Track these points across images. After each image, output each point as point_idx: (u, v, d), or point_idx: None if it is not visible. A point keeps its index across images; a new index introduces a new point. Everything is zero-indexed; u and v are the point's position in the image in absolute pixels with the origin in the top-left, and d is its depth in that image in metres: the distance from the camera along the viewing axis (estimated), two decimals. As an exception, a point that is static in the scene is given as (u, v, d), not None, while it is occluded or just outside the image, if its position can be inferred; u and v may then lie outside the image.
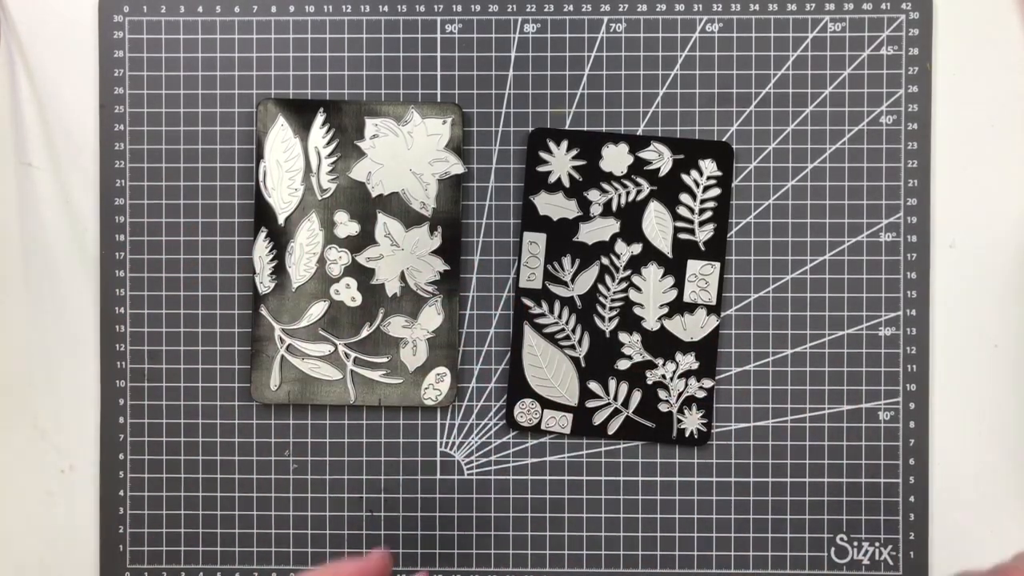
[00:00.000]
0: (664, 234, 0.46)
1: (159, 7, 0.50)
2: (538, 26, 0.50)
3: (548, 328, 0.47)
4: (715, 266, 0.46)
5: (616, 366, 0.47)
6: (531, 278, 0.46)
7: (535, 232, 0.46)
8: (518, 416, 0.47)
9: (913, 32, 0.49)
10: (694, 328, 0.47)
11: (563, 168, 0.46)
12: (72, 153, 0.50)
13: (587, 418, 0.47)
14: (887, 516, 0.49)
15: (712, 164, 0.46)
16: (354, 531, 0.50)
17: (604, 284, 0.46)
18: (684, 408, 0.47)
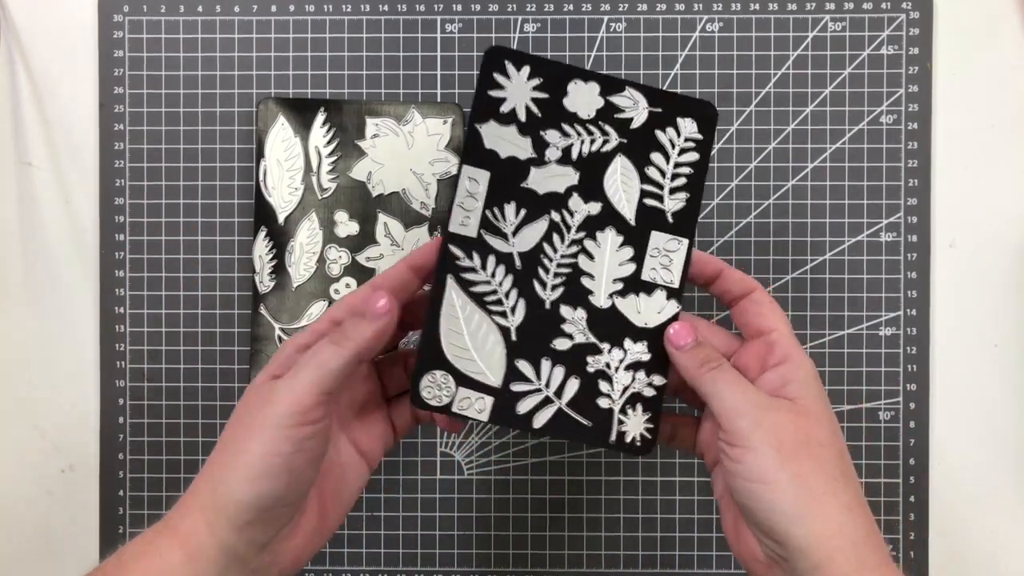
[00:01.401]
0: (629, 197, 0.39)
1: (159, 7, 0.50)
2: (538, 25, 0.50)
3: (477, 287, 0.38)
4: (682, 243, 0.39)
5: (553, 345, 0.38)
6: (465, 222, 0.38)
7: (477, 168, 0.38)
8: (425, 391, 0.37)
9: (913, 32, 0.49)
10: (650, 312, 0.38)
11: (521, 98, 0.38)
12: (72, 153, 0.50)
13: (511, 404, 0.38)
14: (887, 516, 0.49)
15: (692, 124, 0.39)
16: (354, 531, 0.50)
17: (551, 244, 0.38)
18: (628, 407, 0.38)
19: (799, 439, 0.34)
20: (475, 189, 0.38)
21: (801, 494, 0.33)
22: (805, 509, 0.33)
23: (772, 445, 0.33)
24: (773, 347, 0.37)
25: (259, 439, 0.33)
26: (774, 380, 0.36)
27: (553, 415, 0.38)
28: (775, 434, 0.34)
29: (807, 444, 0.34)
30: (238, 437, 0.34)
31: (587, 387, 0.38)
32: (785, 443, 0.34)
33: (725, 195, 0.50)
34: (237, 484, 0.32)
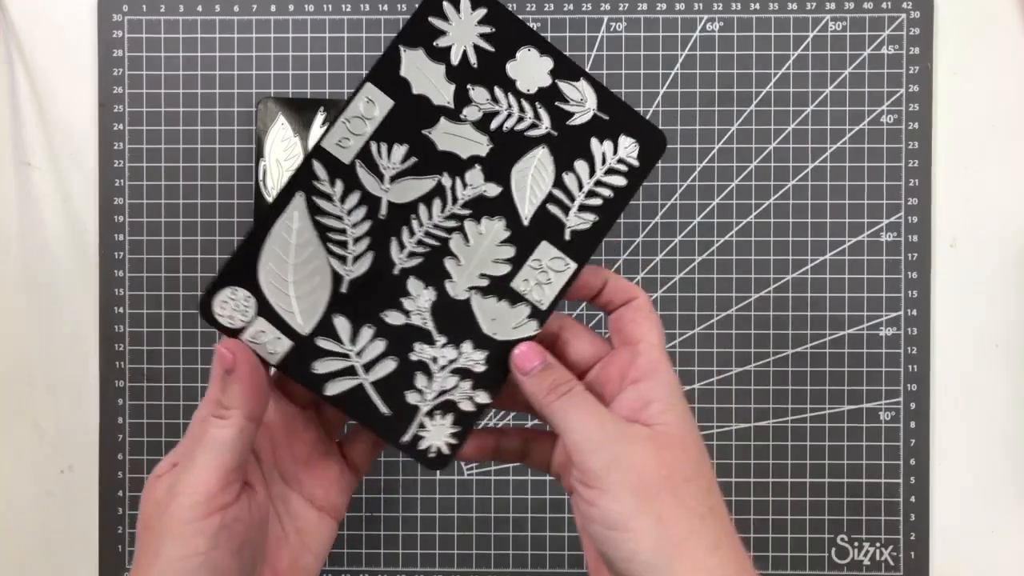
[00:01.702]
0: (533, 195, 0.34)
1: (158, 6, 0.50)
2: (538, 25, 0.50)
3: (326, 218, 0.33)
4: (570, 267, 0.34)
5: (384, 315, 0.34)
6: (343, 144, 0.33)
7: (381, 92, 0.33)
8: (219, 305, 0.32)
9: (914, 31, 0.49)
10: (504, 324, 0.34)
11: (464, 39, 0.34)
12: (71, 153, 0.50)
13: (308, 358, 0.33)
14: (888, 516, 0.49)
15: (633, 148, 0.34)
16: (354, 531, 0.50)
17: (429, 208, 0.34)
18: (437, 412, 0.34)
19: (661, 475, 0.30)
20: (370, 113, 0.33)
21: (664, 542, 0.30)
22: (668, 559, 0.29)
23: (629, 487, 0.30)
24: (637, 359, 0.33)
25: (170, 541, 0.29)
26: (634, 400, 0.32)
27: (351, 389, 0.34)
28: (633, 472, 0.30)
29: (670, 480, 0.30)
30: (150, 542, 0.30)
31: (401, 374, 0.34)
32: (644, 482, 0.30)
33: (725, 195, 0.49)
34: None
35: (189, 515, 0.30)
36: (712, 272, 0.49)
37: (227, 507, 0.30)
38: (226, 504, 0.30)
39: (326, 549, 0.35)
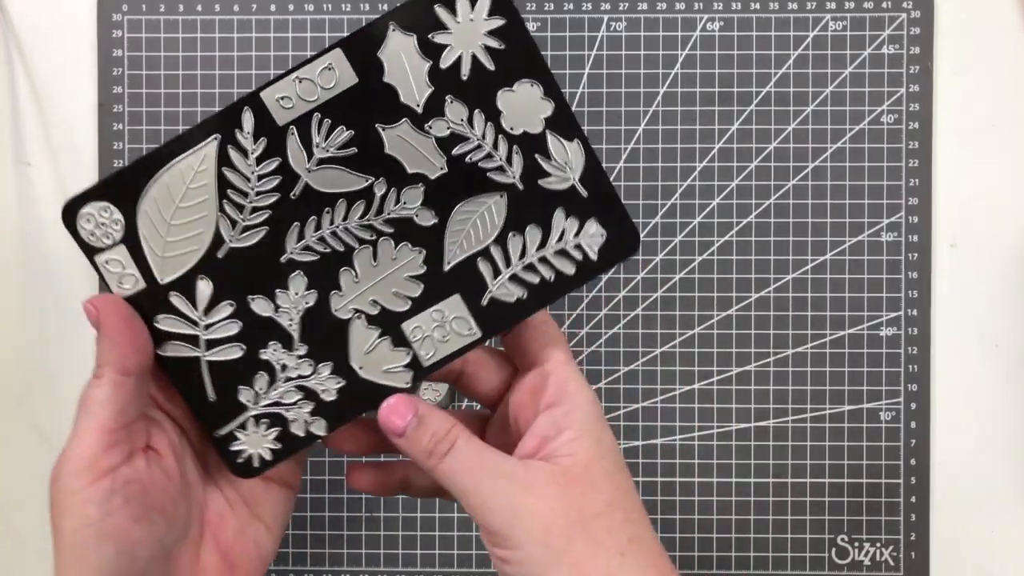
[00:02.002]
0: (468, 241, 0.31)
1: (158, 6, 0.50)
2: (538, 25, 0.50)
3: (234, 173, 0.29)
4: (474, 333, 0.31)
5: (251, 299, 0.30)
6: (284, 104, 0.29)
7: (349, 66, 0.29)
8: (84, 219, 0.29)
9: (914, 31, 0.49)
10: (375, 362, 0.31)
11: (466, 44, 0.29)
12: (71, 152, 0.50)
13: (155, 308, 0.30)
14: (888, 516, 0.49)
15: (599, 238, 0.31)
16: (354, 531, 0.50)
17: (349, 208, 0.30)
18: (264, 421, 0.31)
19: (569, 519, 0.28)
20: (327, 82, 0.29)
21: None
22: None
23: (537, 540, 0.28)
24: (547, 380, 0.31)
25: (65, 516, 0.27)
26: (547, 428, 0.30)
27: (186, 358, 0.30)
28: (538, 523, 0.28)
29: (579, 522, 0.28)
30: (54, 521, 0.28)
31: (243, 367, 0.31)
32: (552, 532, 0.28)
33: (725, 195, 0.49)
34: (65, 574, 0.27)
35: (75, 483, 0.27)
36: (712, 272, 0.49)
37: (115, 469, 0.28)
38: (113, 467, 0.28)
39: (282, 520, 0.33)
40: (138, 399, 0.29)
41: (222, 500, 0.32)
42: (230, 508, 0.32)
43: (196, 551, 0.31)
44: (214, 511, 0.32)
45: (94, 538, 0.27)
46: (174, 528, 0.30)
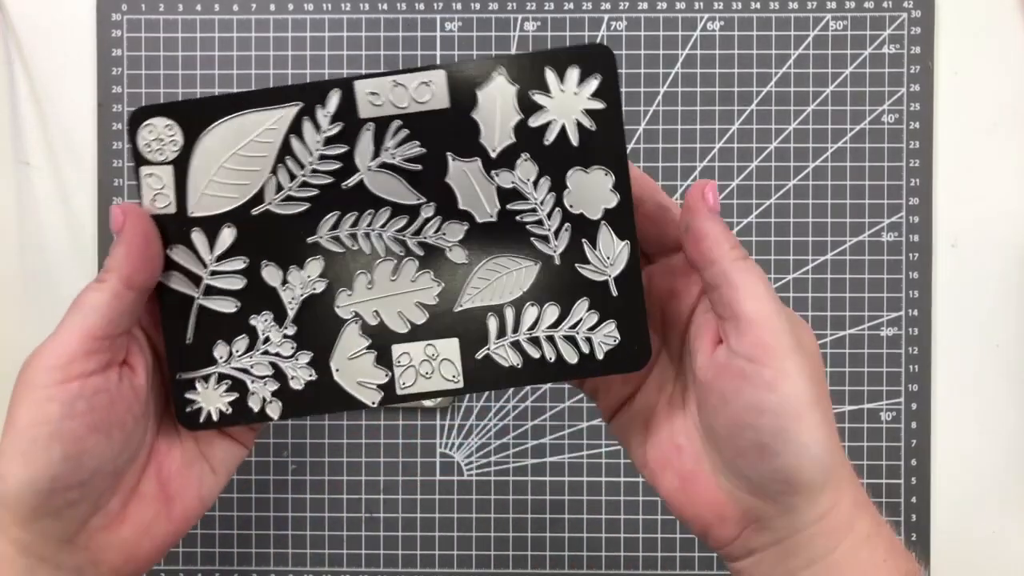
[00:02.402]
0: (486, 295, 0.31)
1: (157, 6, 0.50)
2: (538, 24, 0.50)
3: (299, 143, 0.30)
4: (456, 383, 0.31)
5: (264, 264, 0.30)
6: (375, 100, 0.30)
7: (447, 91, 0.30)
8: (147, 131, 0.30)
9: (915, 31, 0.49)
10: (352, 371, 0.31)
11: (563, 113, 0.30)
12: (70, 152, 0.50)
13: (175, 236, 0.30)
14: (889, 516, 0.49)
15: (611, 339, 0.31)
16: (353, 532, 0.50)
17: (389, 219, 0.30)
18: (225, 382, 0.31)
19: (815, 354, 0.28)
20: (420, 96, 0.30)
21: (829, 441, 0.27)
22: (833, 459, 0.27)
23: (808, 374, 0.27)
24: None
25: (24, 408, 0.27)
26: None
27: (183, 294, 0.30)
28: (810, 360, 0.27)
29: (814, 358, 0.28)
30: (10, 413, 0.28)
31: (229, 325, 0.30)
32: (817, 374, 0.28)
33: (726, 195, 0.49)
34: (7, 467, 0.27)
35: (45, 378, 0.27)
36: (712, 272, 0.49)
37: (88, 376, 0.28)
38: (87, 372, 0.28)
39: (228, 467, 0.32)
40: (132, 314, 0.29)
41: (173, 429, 0.32)
42: (180, 441, 0.32)
43: (138, 476, 0.30)
44: (164, 440, 0.31)
45: (47, 437, 0.27)
46: (128, 447, 0.29)
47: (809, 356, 0.28)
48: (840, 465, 0.28)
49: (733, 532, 0.29)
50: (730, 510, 0.29)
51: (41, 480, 0.27)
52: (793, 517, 0.28)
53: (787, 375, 0.27)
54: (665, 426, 0.31)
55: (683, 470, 0.30)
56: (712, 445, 0.29)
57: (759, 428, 0.27)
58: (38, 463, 0.27)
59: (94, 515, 0.29)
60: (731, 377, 0.28)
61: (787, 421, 0.27)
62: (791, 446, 0.27)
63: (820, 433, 0.27)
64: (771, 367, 0.27)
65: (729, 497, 0.29)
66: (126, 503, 0.30)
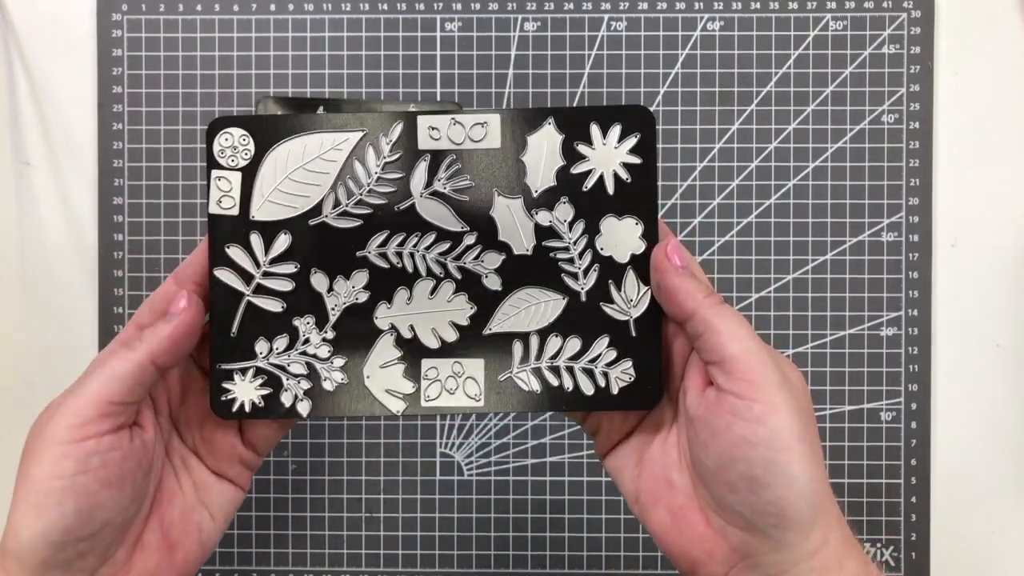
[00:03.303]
0: (514, 322, 0.33)
1: (157, 6, 0.50)
2: (538, 24, 0.50)
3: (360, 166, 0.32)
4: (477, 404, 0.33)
5: (313, 271, 0.33)
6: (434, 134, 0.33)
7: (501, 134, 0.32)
8: (224, 138, 0.32)
9: (915, 31, 0.49)
10: (381, 380, 0.33)
11: (602, 164, 0.32)
12: (70, 152, 0.50)
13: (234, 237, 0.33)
14: (888, 517, 0.49)
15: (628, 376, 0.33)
16: (354, 532, 0.50)
17: (435, 243, 0.33)
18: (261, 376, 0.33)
19: (802, 390, 0.29)
20: (475, 135, 0.32)
21: (816, 471, 0.28)
22: (820, 491, 0.28)
23: (794, 407, 0.28)
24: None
25: (40, 462, 0.28)
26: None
27: (232, 290, 0.33)
28: (795, 393, 0.28)
29: (801, 393, 0.29)
30: (24, 466, 0.29)
31: (274, 322, 0.33)
32: (802, 408, 0.28)
33: (726, 195, 0.49)
34: (21, 519, 0.28)
35: (62, 435, 0.29)
36: (712, 272, 0.49)
37: (102, 435, 0.29)
38: (101, 432, 0.29)
39: (226, 512, 0.34)
40: (150, 386, 0.31)
41: (174, 480, 0.33)
42: (180, 489, 0.33)
43: (142, 526, 0.32)
44: (165, 489, 0.33)
45: (60, 490, 0.28)
46: (136, 500, 0.31)
47: (796, 391, 0.29)
48: (829, 502, 0.29)
49: (721, 570, 0.30)
50: (720, 547, 0.30)
51: (53, 532, 0.28)
52: (784, 553, 0.28)
53: (775, 409, 0.28)
54: (659, 462, 0.32)
55: (674, 505, 0.31)
56: (704, 481, 0.30)
57: (750, 461, 0.28)
58: (51, 515, 0.28)
59: (101, 566, 0.30)
60: (721, 412, 0.29)
61: (776, 453, 0.27)
62: (781, 478, 0.27)
63: (808, 465, 0.28)
64: (760, 401, 0.28)
65: (719, 533, 0.30)
66: (132, 553, 0.31)
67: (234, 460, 0.34)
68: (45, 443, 0.29)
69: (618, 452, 0.33)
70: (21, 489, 0.29)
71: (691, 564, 0.30)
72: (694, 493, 0.31)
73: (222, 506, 0.34)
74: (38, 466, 0.28)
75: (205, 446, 0.34)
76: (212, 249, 0.33)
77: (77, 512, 0.28)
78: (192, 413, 0.34)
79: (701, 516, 0.30)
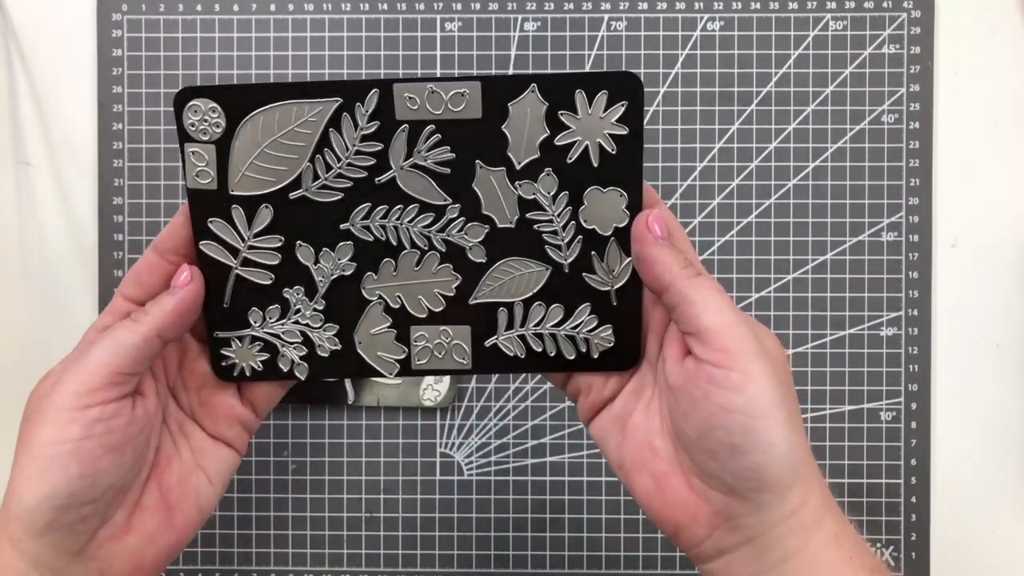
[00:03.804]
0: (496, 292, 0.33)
1: (158, 6, 0.50)
2: (538, 24, 0.50)
3: (337, 138, 0.32)
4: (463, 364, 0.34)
5: (298, 244, 0.33)
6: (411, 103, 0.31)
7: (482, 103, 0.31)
8: (192, 112, 0.31)
9: (915, 31, 0.49)
10: (374, 344, 0.34)
11: (587, 134, 0.32)
12: (70, 152, 0.50)
13: (215, 210, 0.32)
14: (888, 517, 0.49)
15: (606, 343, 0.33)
16: (354, 531, 0.50)
17: (417, 214, 0.32)
18: (258, 343, 0.34)
19: (780, 359, 0.30)
20: (454, 104, 0.31)
21: (795, 437, 0.28)
22: (799, 456, 0.29)
23: (771, 375, 0.28)
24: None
25: (44, 427, 0.29)
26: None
27: (220, 263, 0.33)
28: (772, 362, 0.29)
29: (779, 362, 0.30)
30: (26, 431, 0.30)
31: (265, 295, 0.33)
32: (780, 374, 0.29)
33: (726, 195, 0.49)
34: (25, 483, 0.29)
35: (68, 402, 0.29)
36: (712, 272, 0.49)
37: (108, 402, 0.30)
38: (108, 399, 0.30)
39: (223, 476, 0.34)
40: (155, 357, 0.32)
41: (171, 445, 0.34)
42: (177, 453, 0.34)
43: (141, 489, 0.32)
44: (163, 454, 0.33)
45: (65, 455, 0.29)
46: (137, 465, 0.31)
47: (773, 360, 0.29)
48: (808, 464, 0.29)
49: (704, 532, 0.30)
50: (702, 510, 0.30)
51: (59, 496, 0.29)
52: (764, 515, 0.29)
53: (752, 377, 0.28)
54: (642, 429, 0.32)
55: (657, 471, 0.31)
56: (685, 448, 0.31)
57: (728, 428, 0.28)
58: (57, 480, 0.28)
59: (102, 527, 0.31)
60: (699, 382, 0.29)
61: (754, 420, 0.28)
62: (759, 444, 0.28)
63: (786, 430, 0.28)
64: (737, 370, 0.28)
65: (701, 497, 0.30)
66: (131, 515, 0.32)
67: (233, 421, 0.34)
68: (50, 409, 0.29)
69: (601, 419, 0.34)
70: (24, 455, 0.29)
71: (675, 527, 0.31)
72: (676, 459, 0.31)
73: (219, 470, 0.34)
74: (42, 431, 0.29)
75: (203, 409, 0.34)
76: (195, 223, 0.32)
77: (81, 477, 0.29)
78: (190, 378, 0.34)
79: (683, 481, 0.31)
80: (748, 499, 0.29)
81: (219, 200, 0.32)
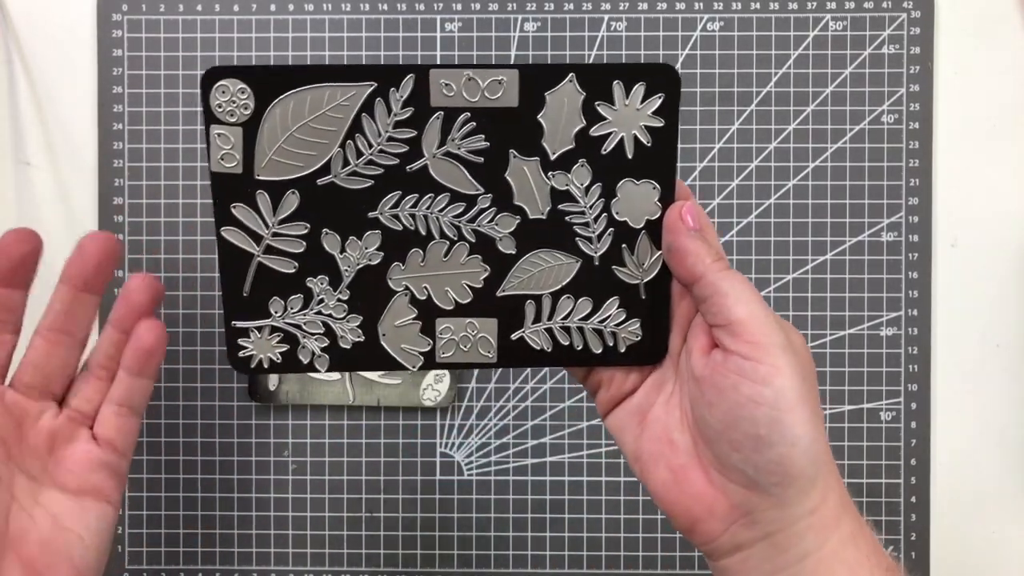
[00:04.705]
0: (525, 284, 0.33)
1: (158, 6, 0.50)
2: (538, 24, 0.50)
3: (371, 123, 0.31)
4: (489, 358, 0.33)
5: (325, 232, 0.32)
6: (447, 90, 0.31)
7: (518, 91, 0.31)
8: (218, 91, 0.30)
9: (915, 31, 0.49)
10: (398, 336, 0.33)
11: (623, 126, 0.31)
12: (71, 152, 0.50)
13: (239, 195, 0.31)
14: (888, 516, 0.49)
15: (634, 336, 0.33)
16: (354, 531, 0.50)
17: (448, 204, 0.32)
18: (277, 333, 0.33)
19: (805, 355, 0.30)
20: (491, 92, 0.31)
21: (817, 433, 0.29)
22: (821, 451, 0.29)
23: (798, 370, 0.29)
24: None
25: None
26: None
27: (242, 250, 0.32)
28: (799, 357, 0.29)
29: (805, 358, 0.30)
30: None
31: (287, 283, 0.32)
32: (806, 370, 0.29)
33: (726, 195, 0.49)
34: None
35: None
36: (712, 272, 0.49)
37: None
38: None
39: (97, 530, 0.34)
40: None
41: (25, 517, 0.33)
42: (33, 523, 0.33)
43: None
44: (17, 526, 0.32)
45: None
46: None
47: (799, 355, 0.29)
48: (829, 463, 0.29)
49: (721, 527, 0.30)
50: (720, 504, 0.30)
51: None
52: (784, 510, 0.29)
53: (780, 371, 0.28)
54: (661, 422, 0.32)
55: (675, 463, 0.31)
56: (707, 440, 0.30)
57: (755, 420, 0.28)
58: None
59: None
60: (728, 373, 0.29)
61: (781, 413, 0.28)
62: (785, 436, 0.28)
63: (811, 426, 0.28)
64: (765, 363, 0.28)
65: (721, 490, 0.30)
66: None
67: (95, 466, 0.34)
68: None
69: (619, 411, 0.34)
70: None
71: (691, 521, 0.31)
72: (695, 452, 0.31)
73: (89, 526, 0.33)
74: None
75: (59, 467, 0.34)
76: (218, 208, 0.32)
77: None
78: (35, 441, 0.33)
79: (702, 474, 0.31)
80: (770, 493, 0.29)
81: (244, 185, 0.31)
